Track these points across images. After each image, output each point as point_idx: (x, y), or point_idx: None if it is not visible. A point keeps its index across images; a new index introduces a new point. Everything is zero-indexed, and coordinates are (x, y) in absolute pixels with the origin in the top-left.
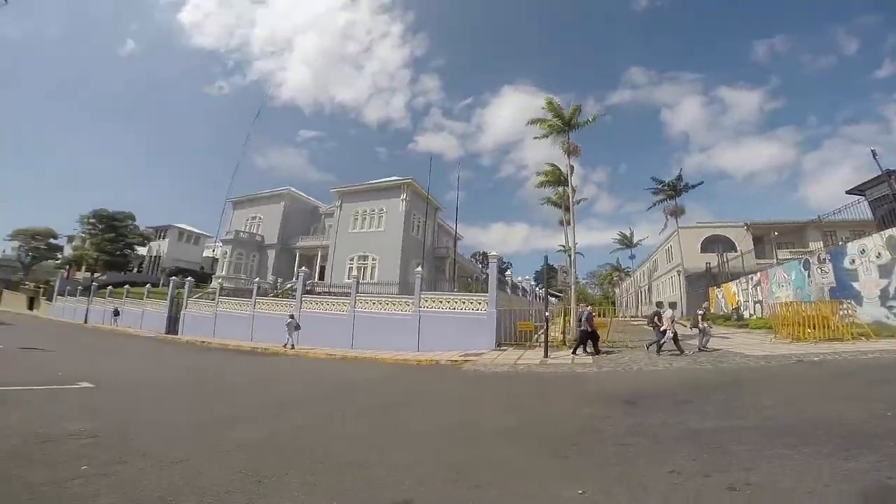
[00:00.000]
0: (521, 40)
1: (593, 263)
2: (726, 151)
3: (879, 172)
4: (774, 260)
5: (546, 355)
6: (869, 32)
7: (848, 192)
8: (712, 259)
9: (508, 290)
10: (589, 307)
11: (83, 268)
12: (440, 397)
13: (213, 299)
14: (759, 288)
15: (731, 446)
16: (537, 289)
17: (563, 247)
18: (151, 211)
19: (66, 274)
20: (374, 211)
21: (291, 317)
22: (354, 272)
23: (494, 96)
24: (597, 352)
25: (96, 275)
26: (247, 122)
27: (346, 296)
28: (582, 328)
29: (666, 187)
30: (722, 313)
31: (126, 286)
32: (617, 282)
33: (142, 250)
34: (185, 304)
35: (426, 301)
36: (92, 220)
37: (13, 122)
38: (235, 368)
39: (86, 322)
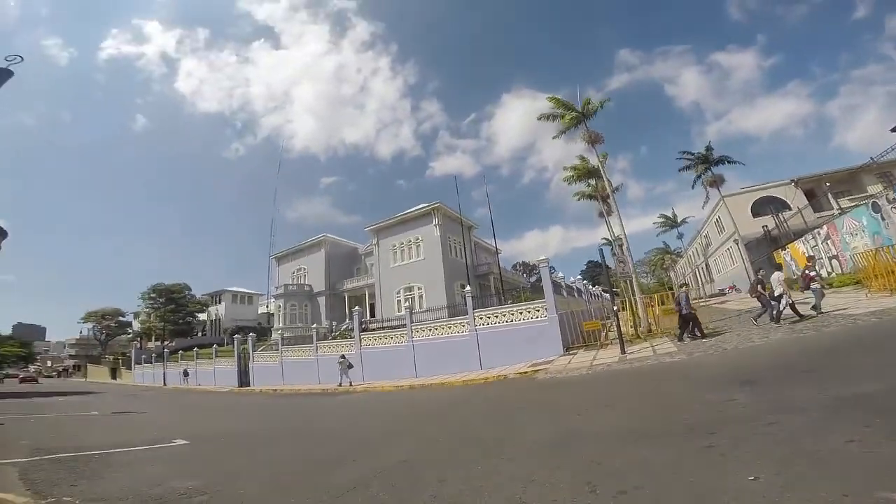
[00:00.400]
0: (506, 46)
1: (639, 251)
2: (744, 114)
3: None
4: (835, 210)
5: (623, 351)
6: None
7: (894, 130)
8: (767, 222)
9: (564, 293)
10: (684, 288)
11: (152, 338)
12: (533, 408)
13: (277, 350)
14: (829, 242)
15: None
16: (590, 287)
17: (607, 239)
18: (204, 279)
19: (139, 345)
20: (410, 242)
21: (343, 357)
22: (403, 304)
23: (496, 107)
24: (702, 335)
25: (166, 343)
26: (269, 177)
27: (402, 327)
28: (684, 312)
29: (697, 160)
30: (795, 276)
31: (195, 349)
32: (670, 265)
33: (202, 316)
34: (251, 357)
35: (481, 318)
36: (152, 296)
37: (60, 215)
38: (316, 411)
39: (164, 384)
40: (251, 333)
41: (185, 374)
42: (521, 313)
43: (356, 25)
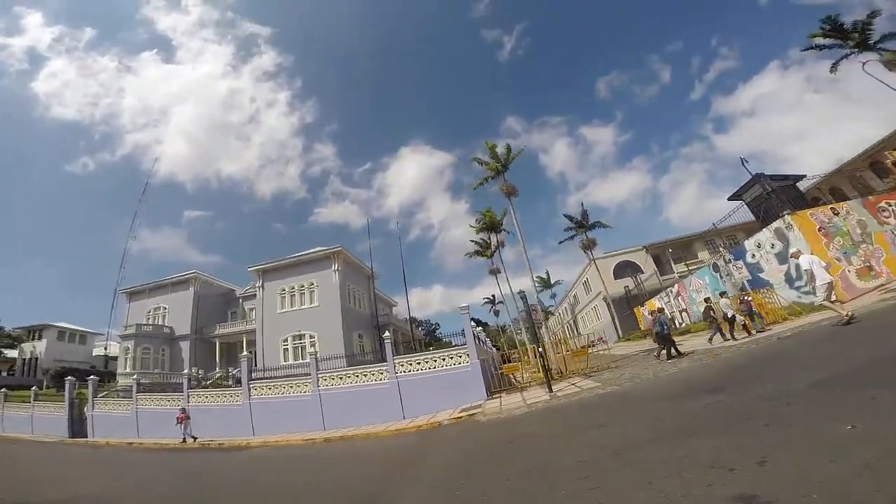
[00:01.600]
0: (410, 100)
1: (513, 311)
2: (599, 186)
3: (750, 177)
4: (675, 274)
5: (550, 390)
6: (676, 58)
7: (729, 199)
8: (627, 283)
9: (477, 341)
10: (662, 312)
11: None
12: (499, 449)
13: (123, 397)
14: (679, 298)
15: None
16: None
17: (489, 297)
18: (21, 311)
19: None
20: (303, 287)
21: (183, 410)
22: (291, 353)
23: (393, 159)
24: (679, 354)
25: None
26: (119, 200)
27: (301, 376)
28: (665, 332)
29: (576, 224)
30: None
31: (3, 389)
32: (542, 322)
33: (11, 353)
34: (91, 404)
35: (402, 365)
36: None
37: None
38: (218, 470)
39: None
40: (91, 377)
41: None
42: (443, 359)
43: (263, 53)
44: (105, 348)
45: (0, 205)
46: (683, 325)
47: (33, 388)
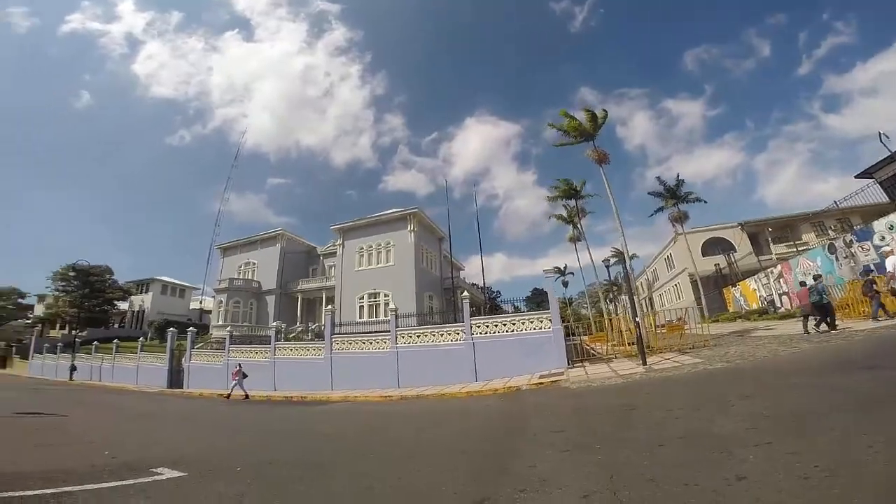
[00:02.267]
0: (475, 71)
1: (580, 286)
2: (683, 161)
3: (888, 154)
4: (773, 255)
5: (644, 363)
6: (778, 32)
7: (857, 177)
8: (713, 263)
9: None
10: (821, 278)
11: (58, 325)
12: (622, 415)
13: (221, 349)
14: (781, 280)
15: None
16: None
17: (557, 269)
18: (129, 267)
19: (40, 332)
20: (380, 245)
21: (239, 365)
22: (366, 310)
23: (458, 129)
24: (833, 327)
25: (75, 332)
26: (212, 168)
27: (380, 332)
28: (825, 301)
29: (666, 193)
30: (744, 309)
31: (115, 340)
32: (615, 297)
33: (122, 305)
34: (188, 355)
35: (478, 327)
36: (69, 276)
37: None
38: (315, 424)
39: (71, 379)
40: (191, 329)
41: (73, 368)
42: (523, 323)
43: (335, 29)
44: (200, 302)
45: (115, 174)
46: (782, 308)
47: (140, 339)
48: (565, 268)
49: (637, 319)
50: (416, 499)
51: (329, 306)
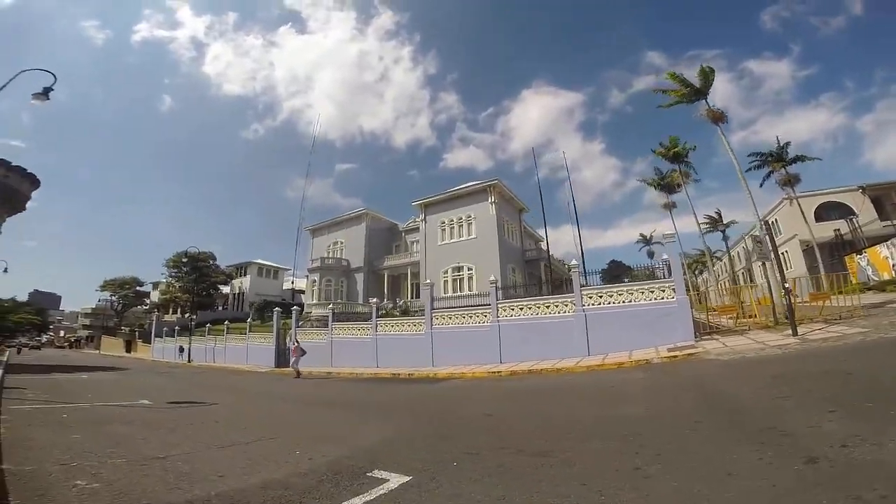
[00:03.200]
0: (528, 40)
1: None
2: (771, 124)
3: None
4: None
5: (795, 332)
6: None
7: None
8: (832, 228)
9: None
10: None
11: (170, 310)
12: (821, 381)
13: (316, 327)
14: None
15: None
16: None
17: (643, 237)
18: (219, 253)
19: (159, 316)
20: (461, 219)
21: (297, 342)
22: (449, 285)
23: (515, 102)
24: None
25: (187, 315)
26: (285, 157)
27: (480, 306)
28: None
29: (771, 157)
30: (872, 280)
31: (226, 322)
32: (709, 267)
33: (224, 288)
34: (294, 333)
35: (590, 297)
36: (181, 263)
37: (83, 187)
38: (456, 404)
39: (189, 361)
40: (294, 307)
41: (181, 349)
42: (641, 293)
43: (381, 14)
44: (292, 282)
45: (201, 168)
46: None
47: (248, 320)
48: (650, 237)
49: (786, 286)
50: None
51: (427, 280)
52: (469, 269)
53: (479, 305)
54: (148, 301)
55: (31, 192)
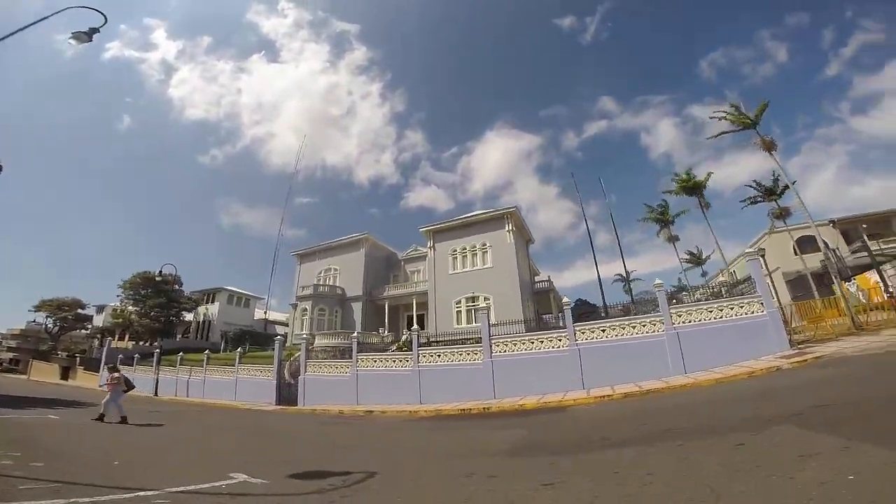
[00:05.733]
0: (492, 86)
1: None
2: (711, 168)
3: None
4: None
5: None
6: (799, 34)
7: None
8: (807, 261)
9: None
10: None
11: (126, 336)
12: None
13: (322, 358)
14: None
15: None
16: None
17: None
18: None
19: (102, 342)
20: (475, 247)
21: (119, 371)
22: (464, 316)
23: (478, 143)
24: None
25: (149, 342)
26: (236, 185)
27: (553, 329)
28: None
29: (766, 192)
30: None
31: (206, 352)
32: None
33: (187, 316)
34: (303, 366)
35: (679, 315)
36: (138, 281)
37: (23, 202)
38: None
39: (156, 394)
40: (278, 336)
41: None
42: (731, 308)
43: (356, 49)
44: (265, 312)
45: (153, 192)
46: None
47: (239, 349)
48: (627, 275)
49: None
50: None
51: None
52: (486, 298)
53: (541, 331)
54: (90, 325)
55: None
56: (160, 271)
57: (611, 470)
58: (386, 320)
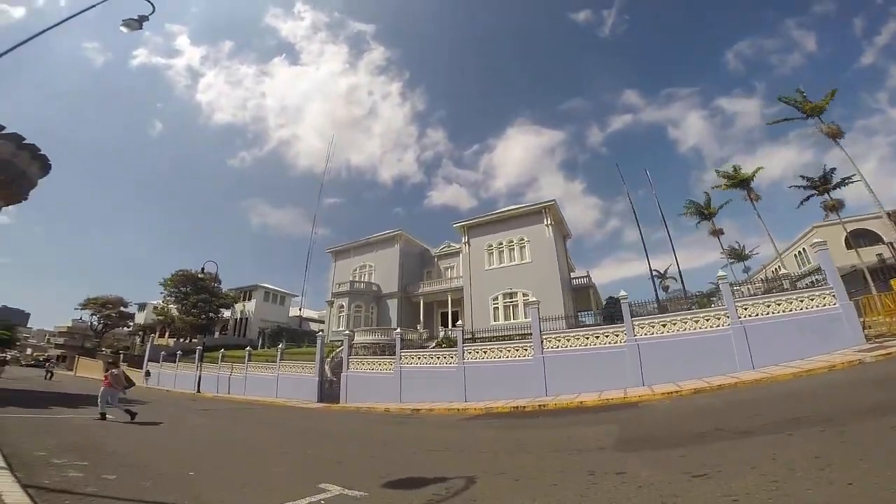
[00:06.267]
0: (511, 82)
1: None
2: (743, 162)
3: None
4: None
5: None
6: (826, 23)
7: None
8: (868, 254)
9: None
10: None
11: (166, 333)
12: None
13: (363, 355)
14: None
15: None
16: None
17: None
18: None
19: (144, 339)
20: (512, 242)
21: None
22: (500, 312)
23: (499, 140)
24: None
25: (191, 339)
26: (264, 187)
27: (605, 326)
28: None
29: (818, 182)
30: None
31: (248, 349)
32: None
33: (225, 313)
34: (346, 363)
35: (745, 308)
36: (180, 281)
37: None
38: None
39: (198, 391)
40: (319, 332)
41: (148, 374)
42: (800, 301)
43: (373, 49)
44: (300, 309)
45: (186, 195)
46: None
47: (279, 346)
48: (664, 271)
49: None
50: None
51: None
52: (525, 294)
53: (597, 325)
54: (132, 323)
55: (39, 179)
56: (202, 269)
57: (767, 456)
58: (421, 317)
